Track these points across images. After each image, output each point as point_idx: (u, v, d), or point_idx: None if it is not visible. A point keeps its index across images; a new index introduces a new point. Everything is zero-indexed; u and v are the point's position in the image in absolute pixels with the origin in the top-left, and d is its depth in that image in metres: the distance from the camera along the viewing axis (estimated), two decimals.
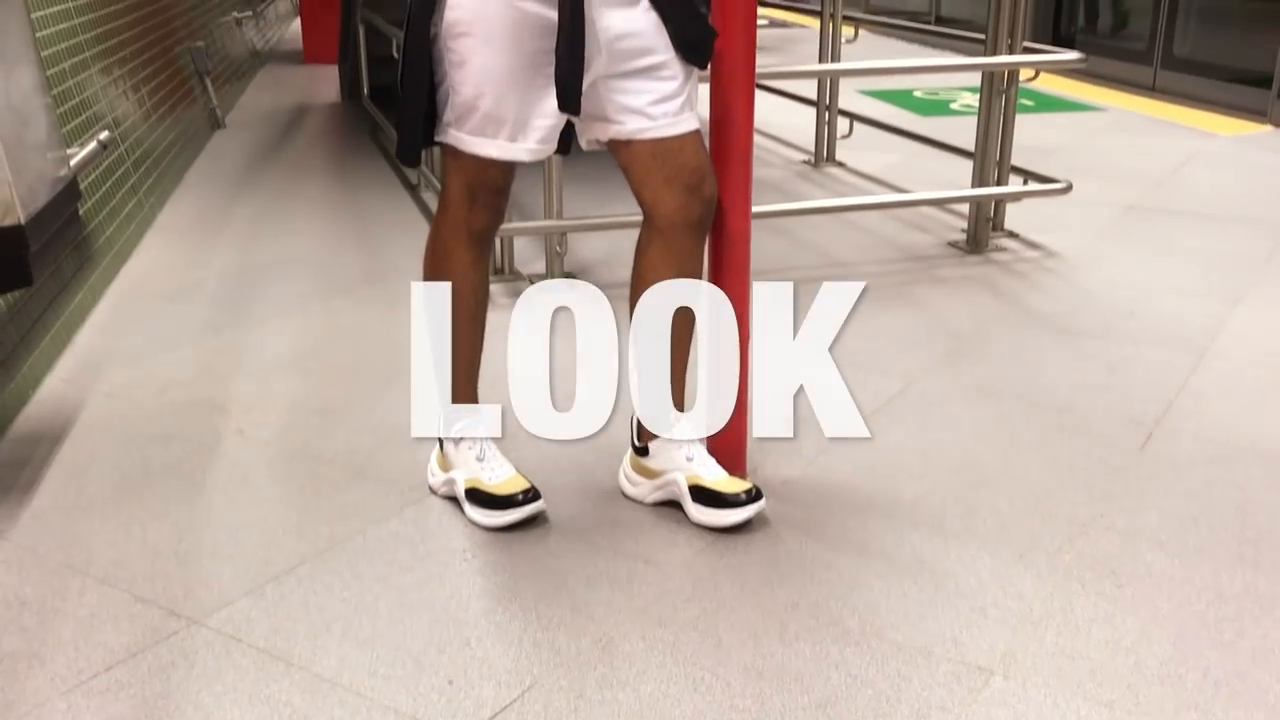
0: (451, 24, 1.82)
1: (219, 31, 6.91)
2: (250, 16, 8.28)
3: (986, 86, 3.73)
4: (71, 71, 3.68)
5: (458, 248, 2.02)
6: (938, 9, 9.78)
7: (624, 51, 1.85)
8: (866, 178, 4.85)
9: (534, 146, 1.89)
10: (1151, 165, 5.03)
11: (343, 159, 5.40)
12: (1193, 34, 6.85)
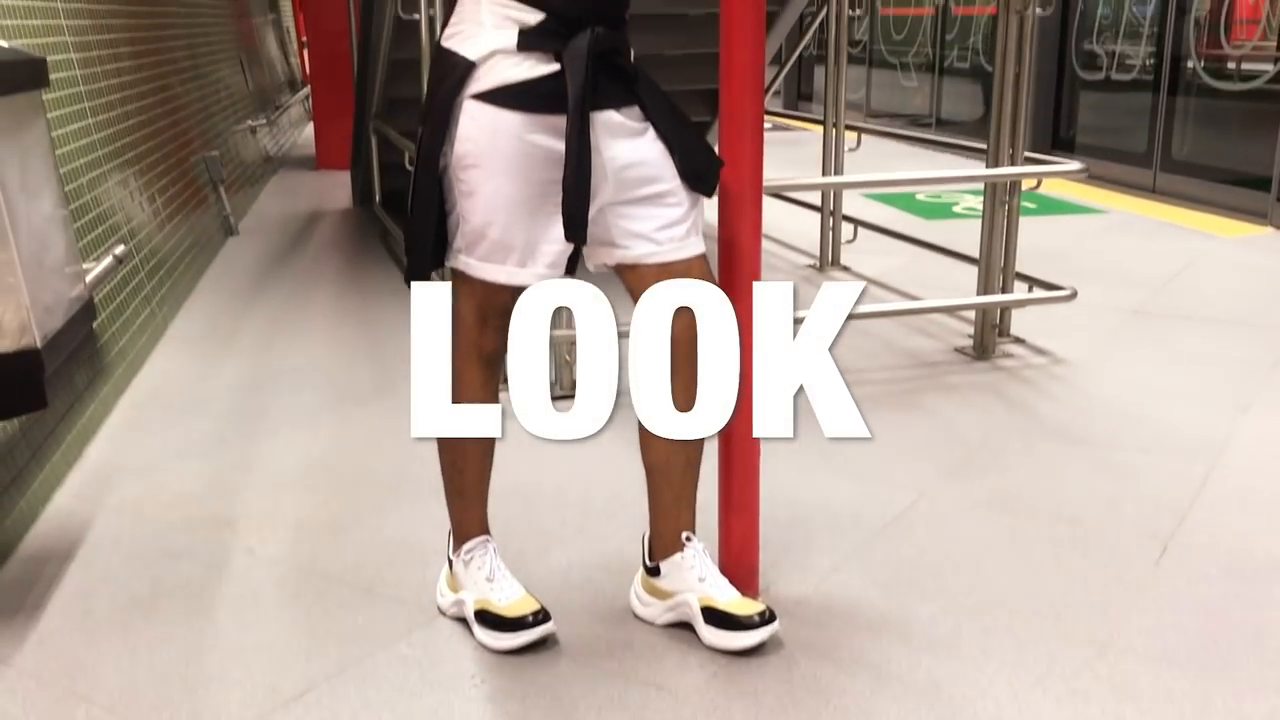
0: (461, 156, 1.86)
1: (233, 139, 7.05)
2: (264, 124, 8.45)
3: (989, 196, 3.79)
4: (90, 185, 3.74)
5: (469, 370, 2.03)
6: (938, 111, 9.97)
7: (630, 180, 1.89)
8: (871, 282, 4.89)
9: (542, 271, 1.92)
10: (1154, 269, 5.07)
11: (354, 265, 5.46)
12: (1191, 136, 6.96)
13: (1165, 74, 7.06)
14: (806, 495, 2.71)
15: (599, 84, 1.84)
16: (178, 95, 5.64)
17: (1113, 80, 7.71)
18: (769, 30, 4.38)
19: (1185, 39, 6.94)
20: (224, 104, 7.05)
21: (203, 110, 6.28)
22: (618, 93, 1.89)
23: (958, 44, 9.67)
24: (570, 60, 1.80)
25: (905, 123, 10.52)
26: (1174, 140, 7.05)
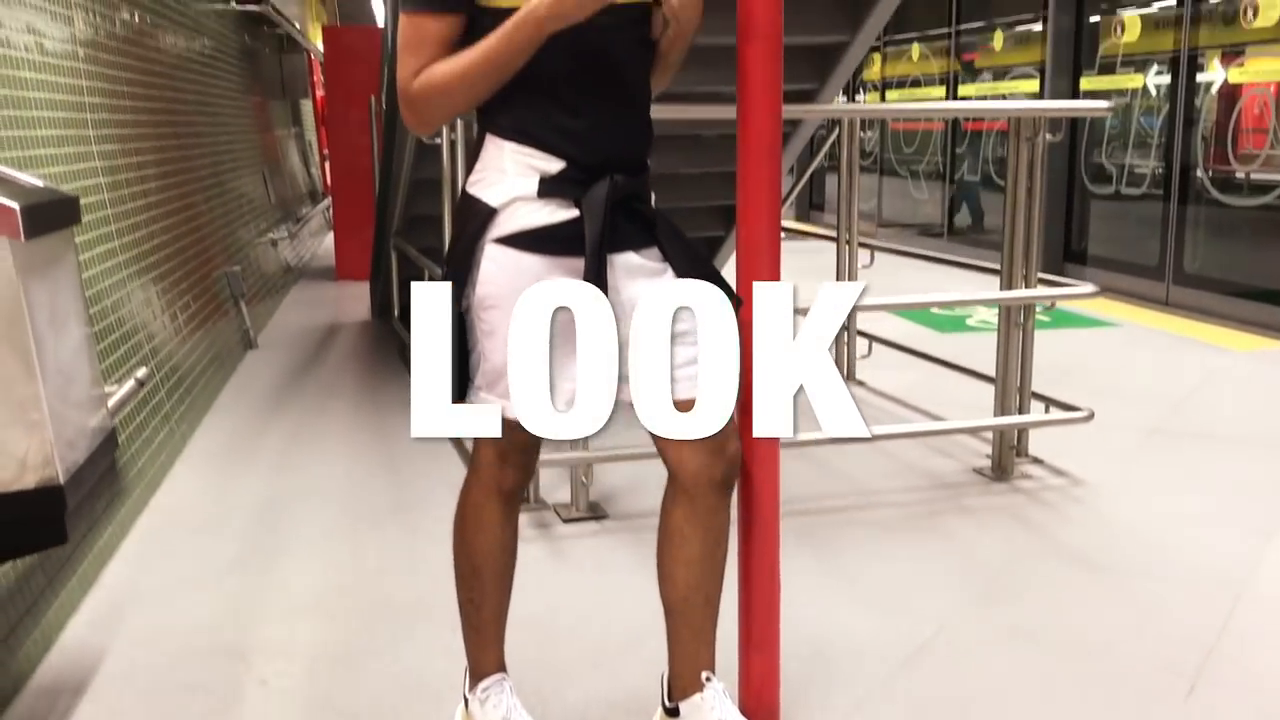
0: (483, 298, 1.90)
1: (255, 252, 7.17)
2: (286, 237, 8.59)
3: (1004, 317, 3.81)
4: (114, 306, 3.80)
5: (488, 506, 2.04)
6: (949, 222, 10.09)
7: None
8: (888, 398, 4.90)
9: None
10: (1170, 385, 5.07)
11: (371, 380, 5.50)
12: (1203, 249, 7.02)
13: (1175, 187, 7.16)
14: (827, 627, 2.68)
15: (618, 226, 1.88)
16: (202, 212, 5.75)
17: (1123, 194, 7.81)
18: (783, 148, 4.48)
19: (1194, 151, 7.05)
20: (247, 218, 7.19)
21: (226, 225, 6.39)
22: (637, 235, 1.93)
23: (968, 156, 9.82)
24: (589, 208, 1.84)
25: (916, 231, 10.64)
26: (1186, 253, 7.10)
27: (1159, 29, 7.39)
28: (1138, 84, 7.65)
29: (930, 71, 10.45)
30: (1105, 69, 7.96)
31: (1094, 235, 8.19)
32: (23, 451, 2.18)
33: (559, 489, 3.62)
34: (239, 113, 7.63)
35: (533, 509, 3.50)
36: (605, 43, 1.86)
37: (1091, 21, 8.15)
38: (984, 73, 9.54)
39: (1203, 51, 6.96)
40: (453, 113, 1.97)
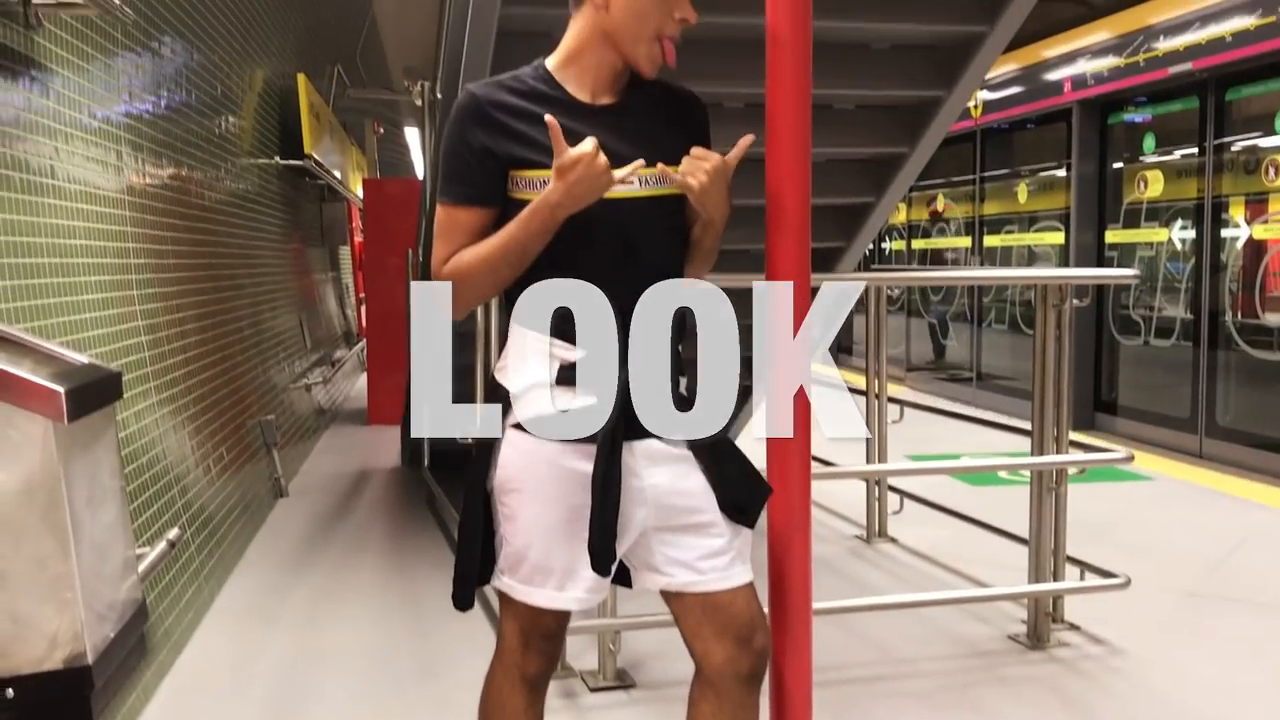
0: (502, 482, 1.92)
1: (289, 397, 7.25)
2: (320, 382, 8.70)
3: (1036, 482, 3.78)
4: (149, 463, 3.84)
5: (511, 694, 2.02)
6: (978, 365, 10.09)
7: (672, 508, 1.92)
8: (920, 556, 4.84)
9: (581, 595, 1.93)
10: (1208, 544, 4.98)
11: (401, 533, 5.49)
12: (1235, 401, 6.98)
13: (1204, 338, 7.15)
14: None
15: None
16: (239, 362, 5.85)
17: (1151, 344, 7.81)
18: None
19: (1222, 301, 7.06)
20: (283, 364, 7.30)
21: (262, 373, 6.49)
22: None
23: (995, 303, 9.88)
24: (603, 401, 1.87)
25: (945, 376, 10.65)
26: (1217, 405, 7.06)
27: (1181, 178, 7.49)
28: (1162, 238, 7.73)
29: (955, 215, 10.60)
30: (1130, 218, 8.05)
31: (1124, 385, 8.16)
32: (53, 629, 2.19)
33: (586, 655, 3.57)
34: (279, 261, 7.82)
35: (559, 676, 3.45)
36: (627, 232, 1.91)
37: (1115, 168, 8.27)
38: (1010, 223, 9.67)
39: (1226, 200, 7.04)
40: (480, 298, 2.02)
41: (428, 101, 7.82)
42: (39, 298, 3.09)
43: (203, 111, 5.51)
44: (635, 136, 1.93)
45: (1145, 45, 7.50)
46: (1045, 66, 8.76)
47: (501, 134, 1.89)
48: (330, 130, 9.83)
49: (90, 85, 3.70)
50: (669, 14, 1.90)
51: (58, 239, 3.32)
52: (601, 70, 1.95)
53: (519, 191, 1.90)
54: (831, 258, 5.16)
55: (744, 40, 3.88)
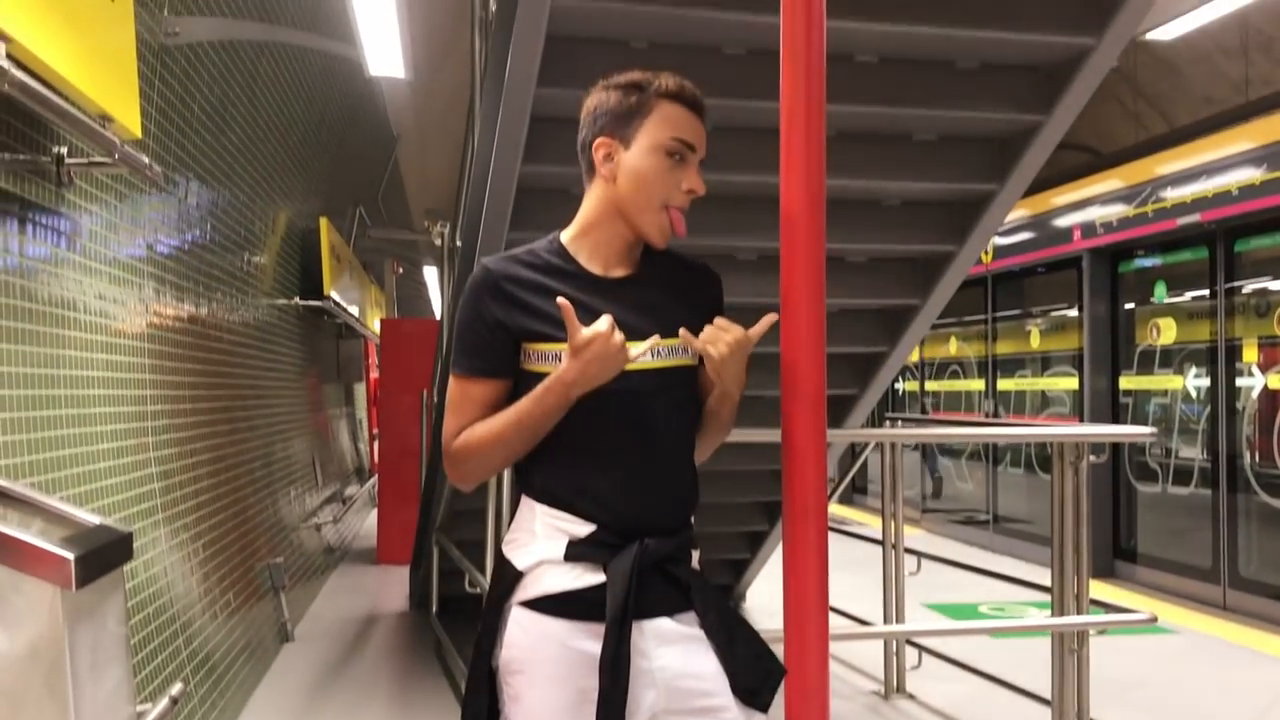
0: (507, 661, 1.88)
1: (299, 536, 7.20)
2: (330, 521, 8.65)
3: (1057, 643, 3.70)
4: (155, 613, 3.80)
5: None
6: (995, 508, 9.98)
7: (682, 691, 1.86)
8: (940, 715, 4.71)
9: None
10: (1239, 707, 4.84)
11: (407, 683, 5.38)
12: (1258, 552, 6.86)
13: (1223, 485, 7.07)
14: None
15: (650, 591, 1.85)
16: (250, 505, 5.83)
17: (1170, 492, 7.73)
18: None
19: (1239, 445, 7.00)
20: (294, 505, 7.27)
21: (272, 514, 6.46)
22: (671, 599, 1.89)
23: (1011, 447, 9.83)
24: (613, 575, 1.83)
25: (961, 519, 10.53)
26: (1240, 555, 6.94)
27: (1193, 322, 7.52)
28: (1177, 385, 7.73)
29: (967, 355, 10.63)
30: (1143, 362, 8.06)
31: (1143, 532, 8.05)
32: None
33: None
34: (294, 398, 7.86)
35: None
36: (639, 405, 1.90)
37: (1127, 310, 8.31)
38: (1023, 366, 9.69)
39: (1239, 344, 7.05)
40: (490, 471, 2.01)
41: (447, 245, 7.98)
42: (55, 449, 3.10)
43: (225, 254, 5.61)
44: (649, 309, 1.94)
45: (1153, 196, 7.62)
46: (1055, 214, 8.90)
47: (515, 307, 1.89)
48: (350, 269, 9.99)
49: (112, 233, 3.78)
50: (676, 185, 1.92)
51: (76, 390, 3.35)
52: (615, 243, 1.96)
53: (532, 364, 1.89)
54: (845, 405, 5.16)
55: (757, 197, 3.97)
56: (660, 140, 1.90)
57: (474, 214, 4.32)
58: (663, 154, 1.90)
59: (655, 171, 1.90)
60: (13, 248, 2.91)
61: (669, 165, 1.91)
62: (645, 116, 1.91)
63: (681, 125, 1.92)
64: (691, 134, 1.93)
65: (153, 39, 4.00)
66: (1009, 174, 4.07)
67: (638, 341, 1.84)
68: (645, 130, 1.90)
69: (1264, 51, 9.24)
